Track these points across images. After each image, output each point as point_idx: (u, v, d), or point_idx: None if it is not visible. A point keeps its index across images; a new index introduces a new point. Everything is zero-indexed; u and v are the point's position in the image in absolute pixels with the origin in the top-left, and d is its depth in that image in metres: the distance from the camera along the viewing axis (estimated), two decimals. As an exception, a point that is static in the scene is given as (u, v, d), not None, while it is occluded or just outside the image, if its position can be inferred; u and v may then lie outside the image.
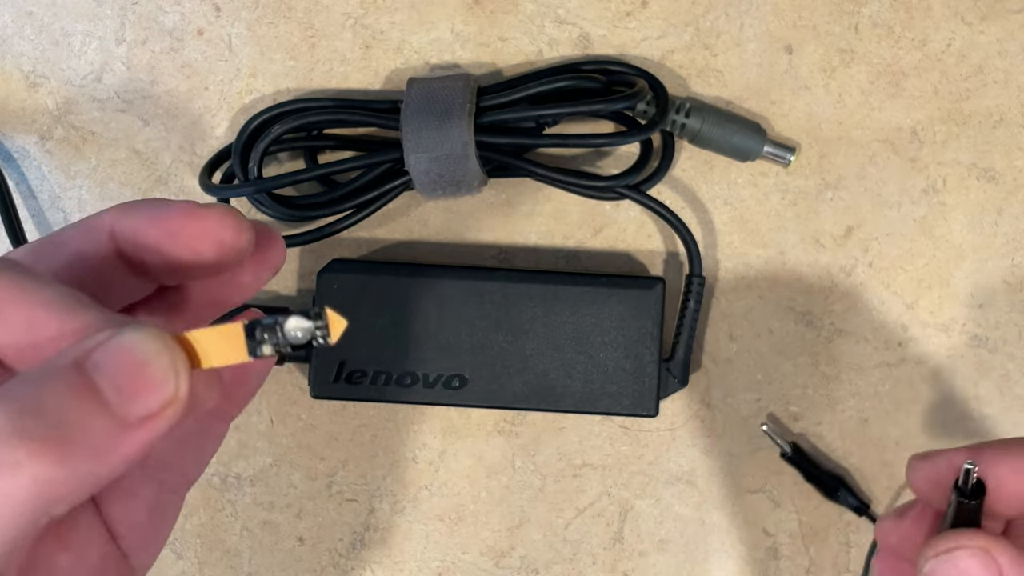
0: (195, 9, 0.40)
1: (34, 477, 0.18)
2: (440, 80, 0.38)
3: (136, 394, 0.20)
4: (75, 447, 0.19)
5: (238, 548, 0.41)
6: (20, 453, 0.18)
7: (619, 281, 0.39)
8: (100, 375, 0.19)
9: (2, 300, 0.21)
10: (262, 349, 0.21)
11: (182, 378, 0.20)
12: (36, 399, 0.19)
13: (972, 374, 0.40)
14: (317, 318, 0.21)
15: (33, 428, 0.18)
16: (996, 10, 0.39)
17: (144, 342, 0.20)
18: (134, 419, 0.20)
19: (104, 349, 0.20)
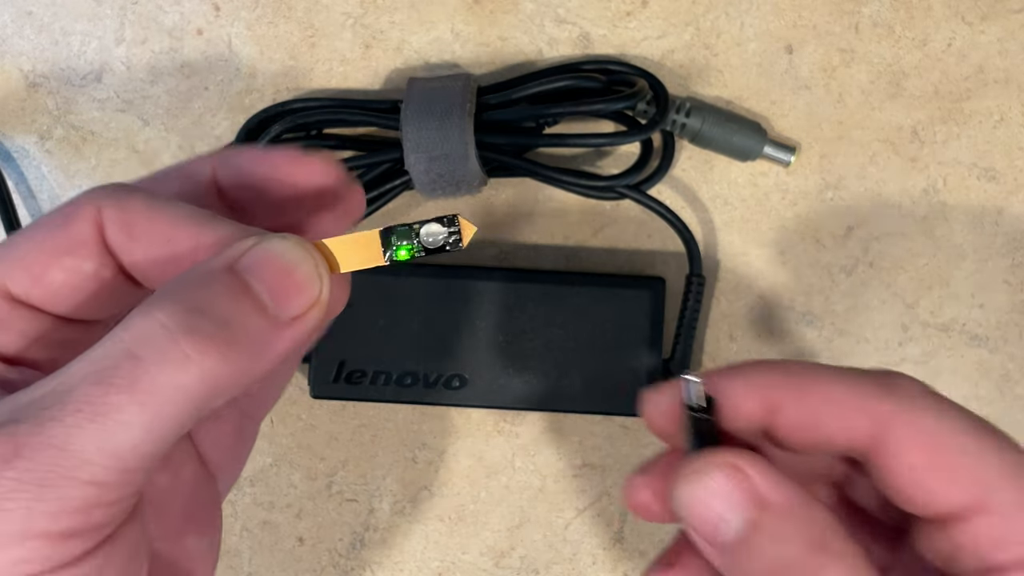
0: (195, 9, 0.40)
1: (201, 370, 0.20)
2: (440, 80, 0.38)
3: (287, 296, 0.21)
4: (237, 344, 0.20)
5: (238, 548, 0.41)
6: (189, 348, 0.20)
7: (619, 281, 0.39)
8: (253, 278, 0.21)
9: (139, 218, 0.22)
10: (398, 253, 0.23)
11: (324, 281, 0.22)
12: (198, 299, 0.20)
13: (972, 374, 0.40)
14: (450, 224, 0.23)
15: (200, 325, 0.20)
16: (997, 10, 0.39)
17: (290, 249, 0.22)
18: (285, 319, 0.21)
19: (253, 255, 0.21)
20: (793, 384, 0.24)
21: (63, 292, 0.23)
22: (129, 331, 0.20)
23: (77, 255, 0.23)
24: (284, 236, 0.22)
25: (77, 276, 0.23)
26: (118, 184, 0.24)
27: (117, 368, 0.20)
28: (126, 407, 0.19)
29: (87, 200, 0.23)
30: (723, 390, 0.24)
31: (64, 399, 0.19)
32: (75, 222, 0.23)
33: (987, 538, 0.22)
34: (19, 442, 0.19)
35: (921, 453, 0.23)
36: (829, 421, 0.24)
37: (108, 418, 0.19)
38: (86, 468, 0.19)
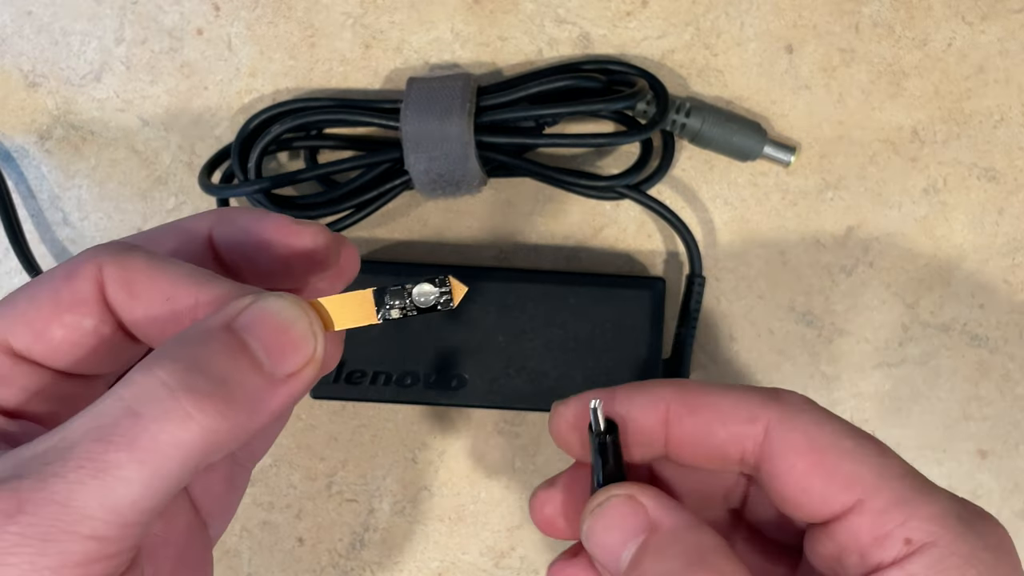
0: (194, 9, 0.40)
1: (201, 427, 0.20)
2: (440, 80, 0.38)
3: (283, 354, 0.22)
4: (235, 401, 0.21)
5: (238, 548, 0.41)
6: (189, 406, 0.20)
7: (619, 281, 0.39)
8: (250, 336, 0.22)
9: (139, 276, 0.23)
10: (390, 313, 0.24)
11: (319, 339, 0.23)
12: (197, 358, 0.21)
13: (972, 374, 0.40)
14: (442, 285, 0.24)
15: (199, 384, 0.21)
16: (997, 9, 0.39)
17: (286, 308, 0.22)
18: (281, 376, 0.22)
19: (250, 313, 0.22)
20: (685, 398, 0.25)
21: (63, 348, 0.24)
22: (130, 388, 0.21)
23: (78, 312, 0.23)
24: (280, 295, 0.23)
25: (77, 332, 0.24)
26: (119, 242, 0.24)
27: (118, 425, 0.20)
28: (126, 464, 0.20)
29: (88, 258, 0.24)
30: (624, 406, 0.26)
31: (66, 455, 0.20)
32: (76, 280, 0.23)
33: (867, 536, 0.23)
34: (22, 497, 0.20)
35: (804, 456, 0.24)
36: (719, 430, 0.25)
37: (109, 474, 0.20)
38: (87, 523, 0.20)
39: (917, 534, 0.23)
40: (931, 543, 0.23)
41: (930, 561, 0.22)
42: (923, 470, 0.40)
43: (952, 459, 0.40)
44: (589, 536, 0.25)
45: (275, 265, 0.25)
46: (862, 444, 0.24)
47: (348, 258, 0.27)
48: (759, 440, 0.25)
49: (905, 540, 0.23)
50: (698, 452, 0.26)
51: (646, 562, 0.23)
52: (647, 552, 0.24)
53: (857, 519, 0.23)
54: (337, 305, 0.23)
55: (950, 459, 0.40)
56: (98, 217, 0.41)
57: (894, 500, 0.23)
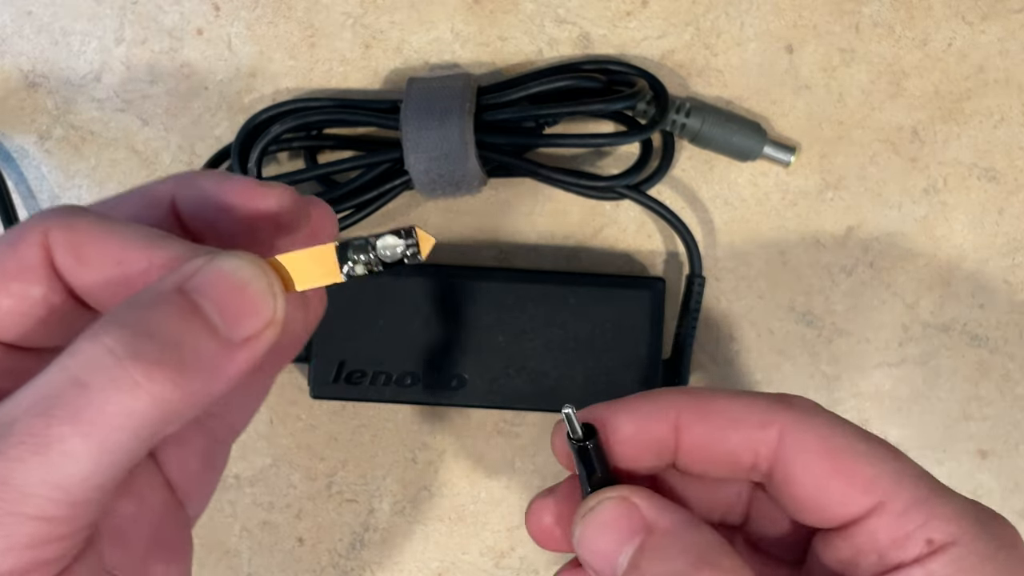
0: (194, 9, 0.40)
1: (151, 396, 0.19)
2: (440, 80, 0.38)
3: (239, 316, 0.21)
4: (187, 368, 0.20)
5: (238, 549, 0.41)
6: (137, 374, 0.19)
7: (619, 281, 0.38)
8: (203, 298, 0.20)
9: (88, 239, 0.22)
10: (355, 269, 0.22)
11: (279, 300, 0.21)
12: (146, 322, 0.20)
13: (972, 374, 0.40)
14: (407, 236, 0.22)
15: (148, 350, 0.19)
16: (997, 9, 0.39)
17: (242, 267, 0.21)
18: (238, 340, 0.21)
19: (203, 274, 0.20)
20: (696, 404, 0.25)
21: (11, 319, 0.22)
22: (74, 357, 0.19)
23: (24, 280, 0.22)
24: (236, 253, 0.21)
25: (25, 302, 0.22)
26: (67, 206, 0.23)
27: (61, 397, 0.19)
28: (70, 438, 0.19)
29: (34, 224, 0.22)
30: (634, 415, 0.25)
31: (5, 432, 0.19)
32: (21, 246, 0.22)
33: (887, 537, 0.23)
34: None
35: (821, 459, 0.24)
36: (732, 435, 0.25)
37: (52, 450, 0.19)
38: (31, 502, 0.19)
39: (938, 534, 0.23)
40: (951, 543, 0.23)
41: (950, 560, 0.22)
42: (923, 470, 0.40)
43: (952, 459, 0.40)
44: (581, 542, 0.24)
45: (240, 228, 0.24)
46: (876, 447, 0.24)
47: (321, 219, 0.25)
48: (772, 445, 0.24)
49: (927, 540, 0.23)
50: (709, 459, 0.25)
51: (645, 564, 0.23)
52: (646, 553, 0.23)
53: (877, 520, 0.23)
54: (298, 262, 0.22)
55: (950, 459, 0.40)
56: (98, 217, 0.41)
57: (913, 501, 0.23)
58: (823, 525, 0.25)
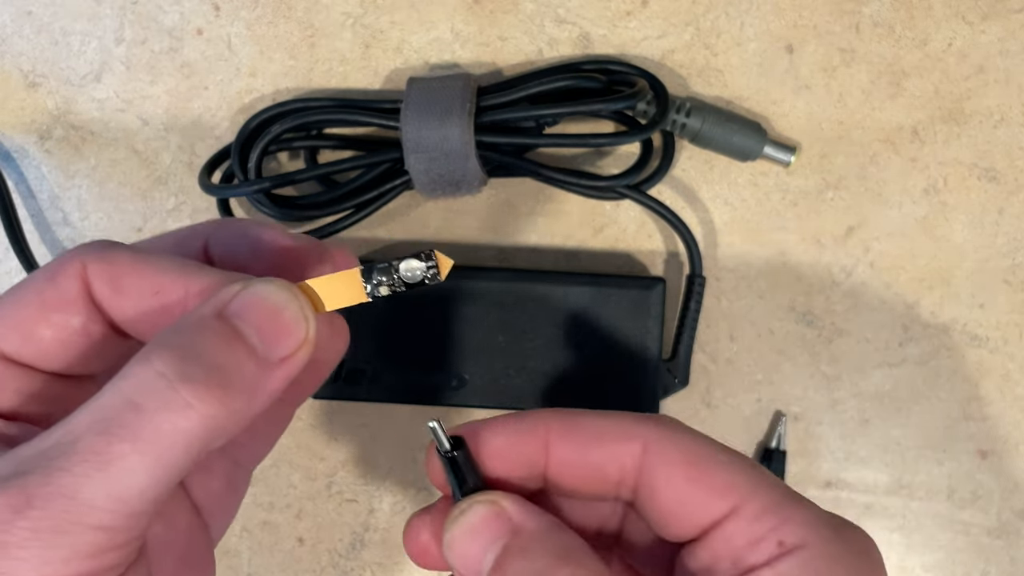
0: (194, 9, 0.40)
1: (201, 415, 0.21)
2: (440, 80, 0.38)
3: (275, 338, 0.22)
4: (232, 388, 0.21)
5: (238, 548, 0.41)
6: (188, 395, 0.21)
7: (619, 281, 0.38)
8: (242, 323, 0.22)
9: (125, 271, 0.23)
10: (379, 290, 0.24)
11: (311, 322, 0.23)
12: (192, 347, 0.21)
13: (972, 374, 0.40)
14: (428, 259, 0.24)
15: (196, 373, 0.21)
16: (997, 9, 0.39)
17: (276, 292, 0.23)
18: (275, 360, 0.22)
19: (240, 300, 0.22)
20: (564, 421, 0.26)
21: (53, 349, 0.24)
22: (128, 380, 0.21)
23: (64, 311, 0.24)
24: (269, 280, 0.23)
25: (66, 332, 0.24)
26: (102, 240, 0.24)
27: (120, 418, 0.20)
28: (130, 455, 0.20)
29: (72, 257, 0.24)
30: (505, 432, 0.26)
31: (69, 450, 0.20)
32: (61, 278, 0.23)
33: (741, 540, 0.24)
34: (30, 493, 0.20)
35: (681, 468, 0.24)
36: (598, 449, 0.25)
37: (113, 466, 0.20)
38: (95, 514, 0.20)
39: (789, 537, 0.23)
40: (802, 545, 0.23)
41: (800, 562, 0.23)
42: (923, 470, 0.41)
43: (952, 459, 0.40)
44: (450, 546, 0.25)
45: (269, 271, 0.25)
46: (735, 458, 0.25)
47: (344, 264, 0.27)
48: (637, 458, 0.25)
49: (778, 543, 0.23)
50: (578, 475, 0.26)
51: (508, 563, 0.23)
52: (510, 553, 0.24)
53: (732, 525, 0.24)
54: (326, 286, 0.24)
55: (950, 459, 0.40)
56: (98, 217, 0.41)
57: (768, 506, 0.24)
58: (685, 535, 0.25)
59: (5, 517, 0.20)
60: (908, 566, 0.40)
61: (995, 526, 0.40)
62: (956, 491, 0.40)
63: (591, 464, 0.25)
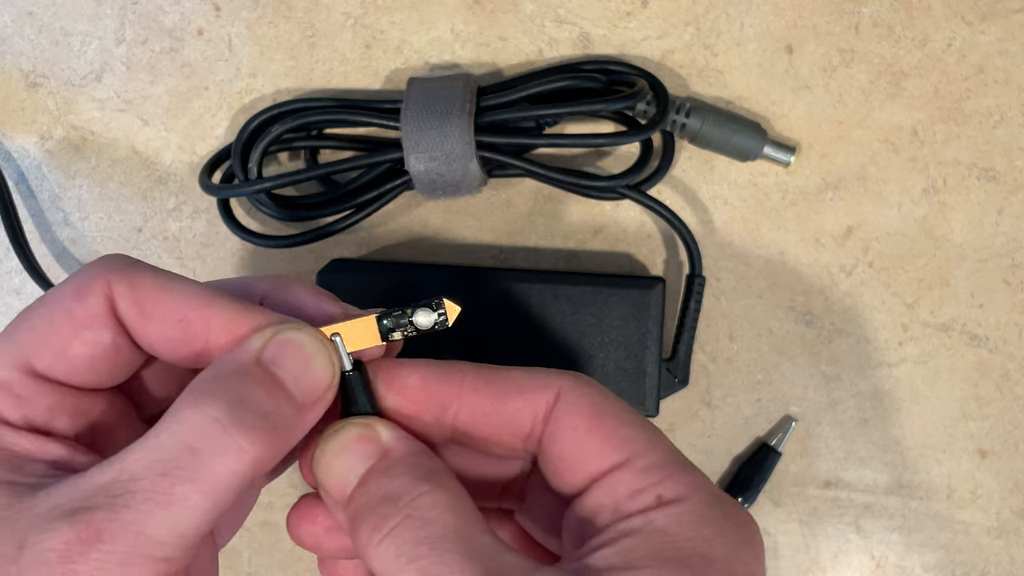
0: (195, 9, 0.40)
1: (252, 458, 0.23)
2: (440, 80, 0.38)
3: (309, 384, 0.24)
4: (277, 431, 0.23)
5: (238, 548, 0.41)
6: (243, 440, 0.23)
7: (619, 281, 0.38)
8: (280, 370, 0.24)
9: (149, 295, 0.25)
10: (392, 335, 0.26)
11: (336, 366, 0.25)
12: (239, 394, 0.23)
13: (972, 374, 0.40)
14: (438, 308, 0.27)
15: (248, 419, 0.23)
16: (997, 10, 0.39)
17: (308, 341, 0.25)
18: (309, 403, 0.24)
19: (275, 347, 0.24)
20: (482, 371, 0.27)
21: (83, 364, 0.25)
22: (183, 424, 0.23)
23: (96, 328, 0.25)
24: (298, 326, 0.25)
25: (96, 348, 0.25)
26: (125, 257, 0.26)
27: (179, 460, 0.22)
28: (192, 495, 0.22)
29: (96, 274, 0.25)
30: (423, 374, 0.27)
31: (132, 488, 0.22)
32: (88, 297, 0.25)
33: (625, 490, 0.25)
34: (99, 528, 0.22)
35: (586, 419, 0.26)
36: (514, 399, 0.26)
37: (176, 505, 0.22)
38: (160, 548, 0.22)
39: (669, 492, 0.24)
40: (678, 500, 0.24)
41: (671, 514, 0.24)
42: (923, 470, 0.41)
43: (952, 459, 0.40)
44: (318, 463, 0.26)
45: None
46: (640, 420, 0.26)
47: None
48: (549, 406, 0.26)
49: (657, 496, 0.24)
50: (491, 423, 0.27)
51: (372, 481, 0.25)
52: (374, 473, 0.25)
53: (619, 475, 0.25)
54: (345, 331, 0.26)
55: (950, 459, 0.40)
56: (99, 217, 0.41)
57: (657, 463, 0.25)
58: (576, 485, 0.26)
59: (78, 549, 0.21)
60: (908, 566, 0.40)
61: (994, 526, 0.40)
62: (956, 491, 0.40)
63: (505, 412, 0.27)
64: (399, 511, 0.24)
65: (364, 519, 0.24)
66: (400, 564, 0.23)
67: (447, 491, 0.24)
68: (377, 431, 0.26)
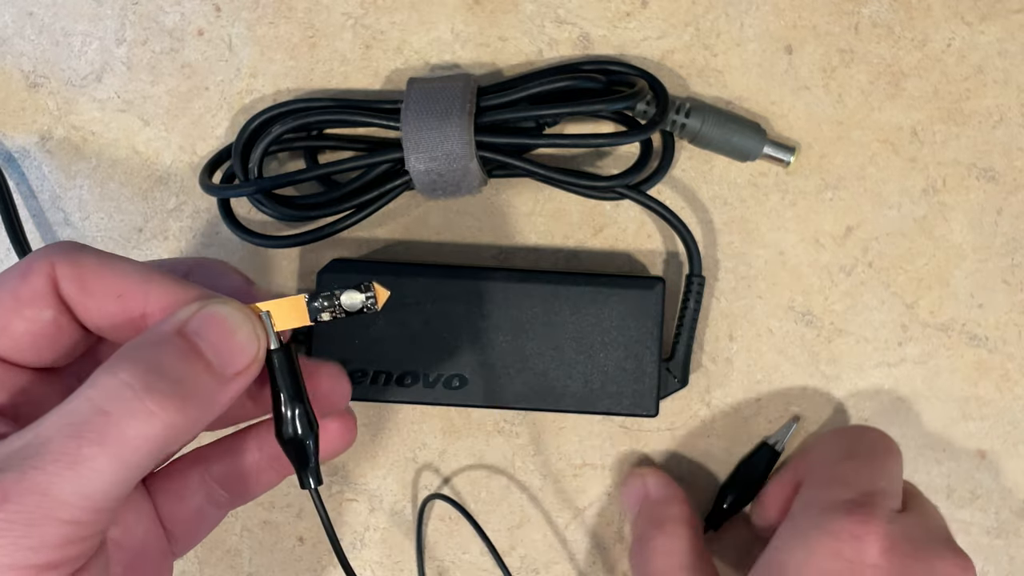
0: (195, 9, 0.40)
1: (163, 423, 0.23)
2: (440, 80, 0.38)
3: (230, 355, 0.25)
4: (190, 399, 0.24)
5: (238, 548, 0.41)
6: (152, 405, 0.23)
7: (619, 281, 0.39)
8: (201, 340, 0.25)
9: (91, 274, 0.26)
10: (321, 316, 0.27)
11: (261, 341, 0.26)
12: (156, 360, 0.24)
13: (972, 374, 0.40)
14: (367, 290, 0.27)
15: (160, 384, 0.23)
16: (996, 10, 0.39)
17: (232, 314, 0.25)
18: (229, 375, 0.25)
19: (199, 318, 0.25)
20: None
21: (25, 341, 0.26)
22: (96, 389, 0.23)
23: (37, 306, 0.26)
24: (224, 300, 0.26)
25: (37, 325, 0.26)
26: (71, 242, 0.27)
27: (89, 422, 0.23)
28: (98, 457, 0.22)
29: (41, 256, 0.26)
30: None
31: (42, 450, 0.22)
32: (32, 276, 0.26)
33: None
34: (6, 488, 0.22)
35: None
36: None
37: (83, 466, 0.22)
38: (65, 509, 0.22)
39: None
40: None
41: None
42: (923, 470, 0.41)
43: (951, 459, 0.40)
44: None
45: None
46: None
47: None
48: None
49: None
50: None
51: None
52: None
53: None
54: (274, 309, 0.26)
55: (949, 459, 0.40)
56: (99, 217, 0.41)
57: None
58: None
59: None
60: (908, 566, 0.40)
61: (994, 526, 0.40)
62: (955, 491, 0.40)
63: None
64: None
65: None
66: None
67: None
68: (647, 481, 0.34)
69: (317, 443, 0.28)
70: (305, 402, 0.27)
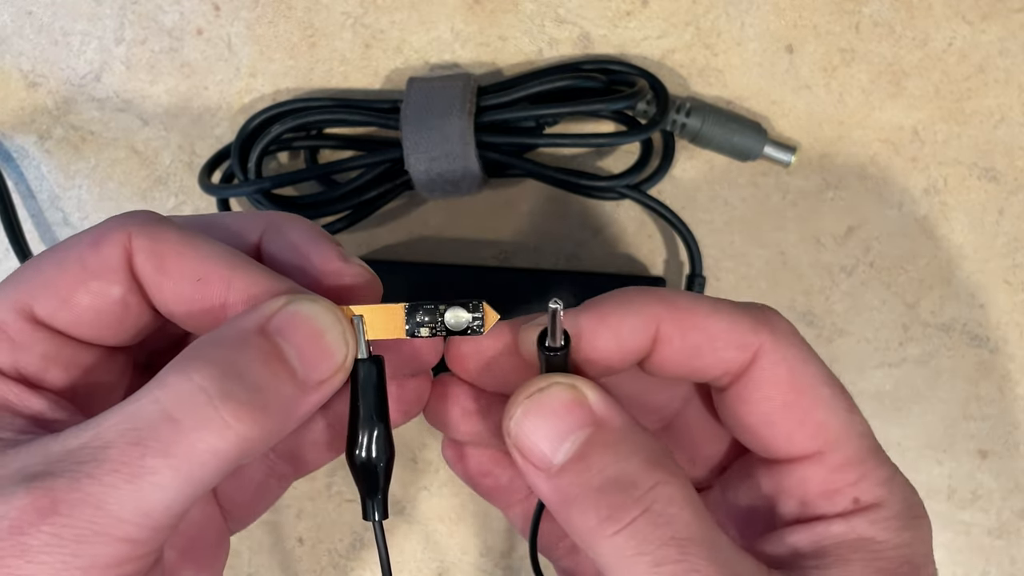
0: (195, 9, 0.40)
1: (238, 437, 0.20)
2: (440, 80, 0.38)
3: (316, 361, 0.22)
4: (269, 409, 0.21)
5: (238, 548, 0.41)
6: (227, 415, 0.20)
7: (619, 281, 0.38)
8: (285, 342, 0.22)
9: (170, 251, 0.23)
10: (420, 331, 0.23)
11: (351, 347, 0.23)
12: (234, 363, 0.21)
13: (972, 374, 0.40)
14: (475, 310, 0.23)
15: (237, 392, 0.20)
16: (997, 9, 0.39)
17: (321, 314, 0.22)
18: (313, 383, 0.22)
19: (284, 316, 0.22)
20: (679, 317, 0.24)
21: (87, 316, 0.23)
22: (165, 391, 0.20)
23: (106, 279, 0.23)
24: (314, 298, 0.22)
25: (103, 300, 0.23)
26: (150, 213, 0.24)
27: (155, 430, 0.20)
28: (162, 470, 0.20)
29: (118, 225, 0.23)
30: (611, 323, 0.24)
31: (100, 456, 0.20)
32: (104, 246, 0.23)
33: (817, 488, 0.24)
34: (57, 497, 0.19)
35: (783, 393, 0.24)
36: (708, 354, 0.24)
37: (144, 480, 0.20)
38: (121, 527, 0.20)
39: (866, 495, 0.24)
40: (878, 505, 0.24)
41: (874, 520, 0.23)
42: (923, 470, 0.40)
43: (952, 459, 0.40)
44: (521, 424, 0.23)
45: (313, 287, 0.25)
46: (837, 395, 0.24)
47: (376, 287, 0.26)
48: (746, 364, 0.24)
49: (854, 499, 0.23)
50: (680, 369, 0.25)
51: (595, 456, 0.22)
52: (596, 446, 0.22)
53: (812, 469, 0.24)
54: (369, 315, 0.23)
55: (950, 459, 0.40)
56: (98, 217, 0.41)
57: (851, 459, 0.24)
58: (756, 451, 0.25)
59: (30, 519, 0.19)
60: (908, 566, 0.40)
61: (995, 526, 0.40)
62: (956, 491, 0.40)
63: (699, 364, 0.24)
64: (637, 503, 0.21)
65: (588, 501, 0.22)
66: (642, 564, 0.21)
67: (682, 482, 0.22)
68: (585, 395, 0.23)
69: (391, 470, 0.24)
70: (387, 423, 0.24)
